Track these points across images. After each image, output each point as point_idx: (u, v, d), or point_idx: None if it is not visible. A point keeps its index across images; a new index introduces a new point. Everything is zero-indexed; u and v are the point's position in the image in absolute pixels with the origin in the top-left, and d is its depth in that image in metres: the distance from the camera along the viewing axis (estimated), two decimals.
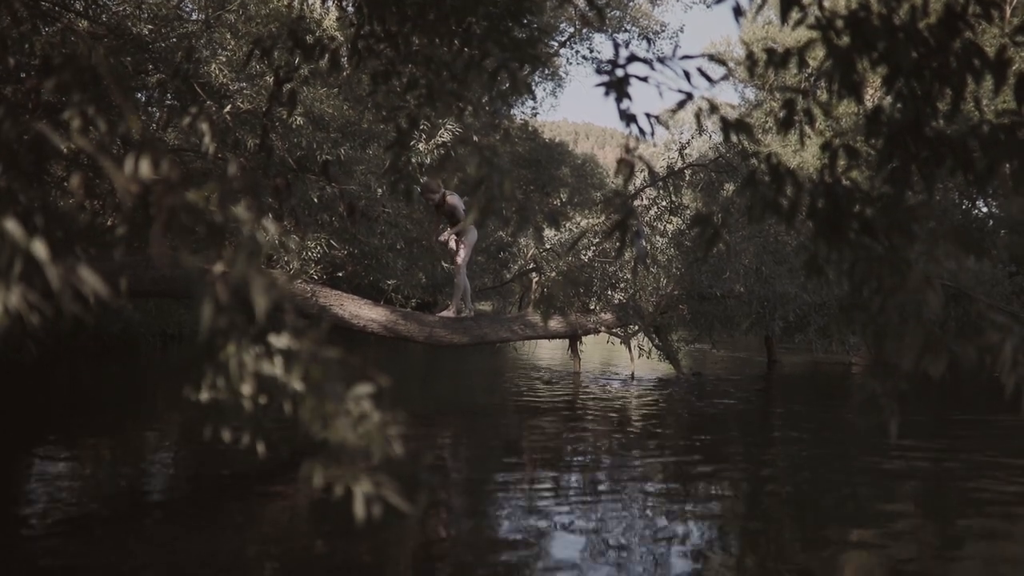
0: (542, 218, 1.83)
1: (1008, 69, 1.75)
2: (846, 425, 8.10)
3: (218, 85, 8.51)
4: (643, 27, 25.04)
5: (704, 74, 1.97)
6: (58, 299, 1.05)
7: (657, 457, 6.37)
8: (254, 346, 1.13)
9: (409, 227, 11.96)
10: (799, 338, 12.03)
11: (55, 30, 7.00)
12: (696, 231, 1.85)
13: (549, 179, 24.77)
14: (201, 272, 1.14)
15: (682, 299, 10.74)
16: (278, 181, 3.50)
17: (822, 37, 1.85)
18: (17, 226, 1.06)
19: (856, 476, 5.88)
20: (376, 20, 2.78)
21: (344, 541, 3.90)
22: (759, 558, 4.01)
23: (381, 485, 1.09)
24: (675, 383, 11.24)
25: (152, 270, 7.15)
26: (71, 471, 5.24)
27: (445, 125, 10.33)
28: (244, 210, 1.20)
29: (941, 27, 1.80)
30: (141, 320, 11.57)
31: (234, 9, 9.32)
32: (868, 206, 1.73)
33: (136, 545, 3.83)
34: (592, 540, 4.16)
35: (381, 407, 1.15)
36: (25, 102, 5.83)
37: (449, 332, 9.05)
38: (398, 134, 2.58)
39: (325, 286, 9.06)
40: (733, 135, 1.93)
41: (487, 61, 2.52)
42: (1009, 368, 1.45)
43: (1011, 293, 13.65)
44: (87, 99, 1.32)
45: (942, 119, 1.85)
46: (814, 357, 14.72)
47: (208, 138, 2.07)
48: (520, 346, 13.63)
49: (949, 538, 4.44)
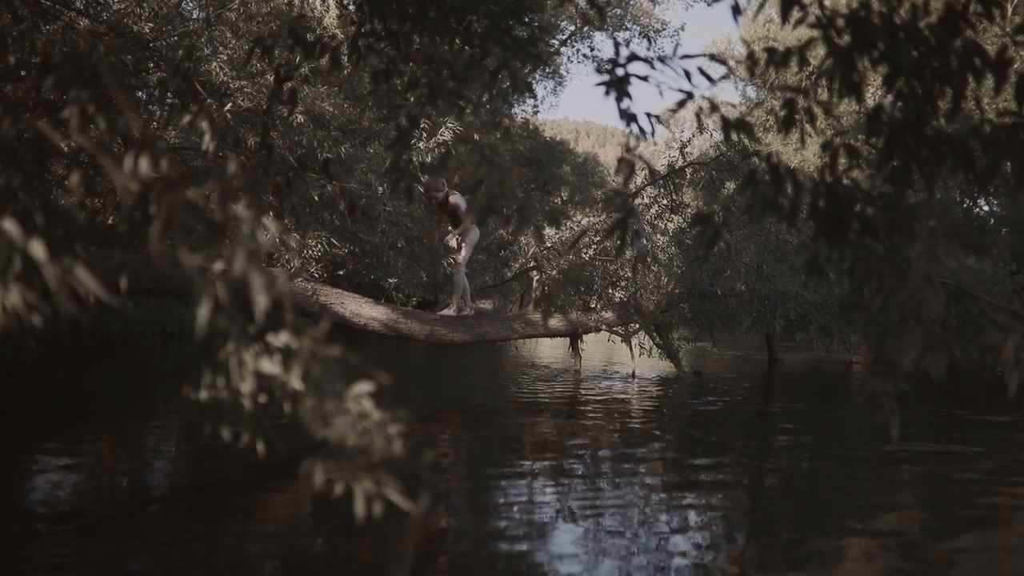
0: (542, 217, 1.83)
1: (1009, 68, 1.74)
2: (847, 423, 8.10)
3: (218, 83, 8.51)
4: (644, 25, 25.03)
5: (704, 73, 1.96)
6: (55, 299, 1.05)
7: (658, 454, 6.37)
8: (253, 344, 1.13)
9: (410, 225, 11.96)
10: (800, 336, 12.02)
11: (55, 28, 7.01)
12: (697, 230, 1.85)
13: (550, 177, 24.76)
14: (200, 270, 1.14)
15: (683, 297, 10.74)
16: (279, 179, 3.50)
17: (823, 36, 1.85)
18: (15, 225, 1.06)
19: (857, 473, 5.88)
20: (376, 18, 2.78)
21: (345, 539, 3.90)
22: (760, 553, 4.01)
23: (381, 483, 1.09)
24: (676, 381, 11.24)
25: (152, 268, 7.15)
26: (71, 470, 5.24)
27: (446, 124, 10.33)
28: (244, 208, 1.19)
29: (942, 26, 1.79)
30: (141, 319, 11.57)
31: (235, 7, 9.32)
32: (869, 205, 1.72)
33: (136, 544, 3.83)
34: (593, 536, 4.16)
35: (381, 405, 1.15)
36: (25, 100, 5.83)
37: (450, 330, 9.05)
38: (399, 133, 2.58)
39: (326, 284, 9.07)
40: (734, 134, 1.93)
41: (488, 60, 2.52)
42: (1012, 367, 1.45)
43: (1012, 292, 13.66)
44: (87, 96, 1.32)
45: (943, 118, 1.85)
46: (815, 355, 14.71)
47: (208, 136, 2.06)
48: (521, 345, 13.64)
49: (950, 534, 4.44)
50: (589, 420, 8.02)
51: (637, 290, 10.70)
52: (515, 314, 10.35)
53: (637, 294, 10.70)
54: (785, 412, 9.26)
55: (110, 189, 6.43)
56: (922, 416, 8.34)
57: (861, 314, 1.61)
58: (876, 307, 1.59)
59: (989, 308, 11.42)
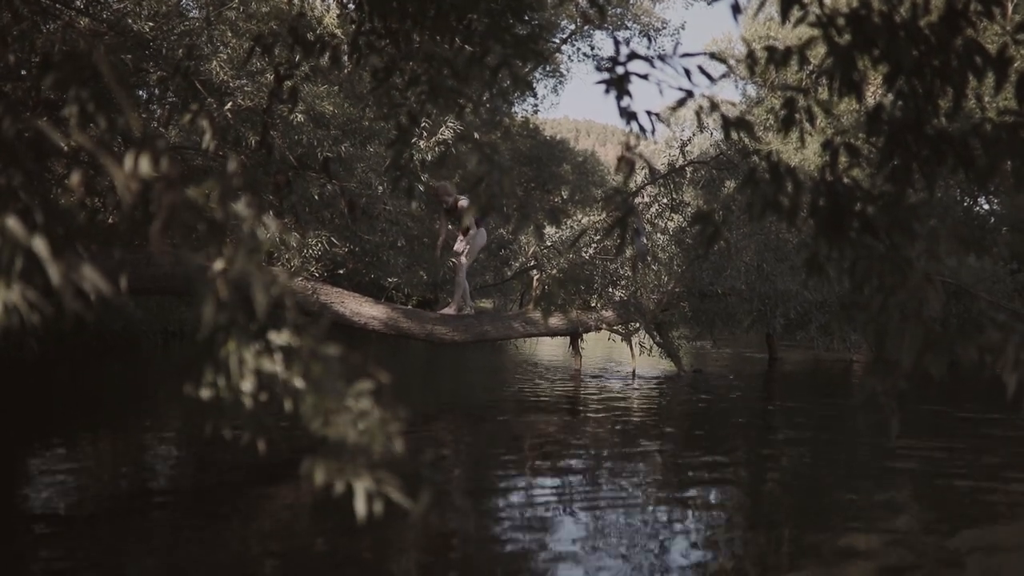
0: (543, 215, 1.83)
1: (1009, 67, 1.74)
2: (847, 422, 8.10)
3: (218, 82, 8.51)
4: (644, 24, 25.02)
5: (705, 72, 1.96)
6: (60, 297, 1.05)
7: (658, 453, 6.37)
8: (254, 343, 1.13)
9: (410, 224, 11.96)
10: (800, 335, 12.03)
11: (56, 27, 7.00)
12: (697, 228, 1.85)
13: (550, 176, 24.74)
14: (201, 269, 1.14)
15: (683, 296, 10.74)
16: (279, 178, 3.50)
17: (823, 35, 1.85)
18: (18, 223, 1.06)
19: (857, 472, 5.89)
20: (377, 17, 2.78)
21: (345, 538, 3.91)
22: (760, 551, 4.01)
23: (382, 482, 1.09)
24: (676, 380, 11.24)
25: (152, 267, 7.15)
26: (72, 469, 5.25)
27: (446, 122, 10.32)
28: (245, 207, 1.20)
29: (942, 25, 1.79)
30: (142, 318, 11.57)
31: (235, 6, 9.31)
32: (869, 204, 1.72)
33: (136, 543, 3.83)
34: (593, 535, 4.16)
35: (382, 404, 1.15)
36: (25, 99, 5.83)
37: (450, 329, 9.05)
38: (399, 131, 2.58)
39: (326, 283, 9.07)
40: (734, 133, 1.93)
41: (488, 58, 2.52)
42: (1011, 368, 1.45)
43: (1013, 291, 13.65)
44: (87, 95, 1.32)
45: (943, 117, 1.85)
46: (815, 354, 14.71)
47: (209, 135, 2.06)
48: (521, 344, 13.63)
49: (951, 532, 4.44)
50: (589, 419, 8.02)
51: (637, 289, 10.70)
52: (515, 313, 10.35)
53: (637, 293, 10.70)
54: (785, 411, 9.26)
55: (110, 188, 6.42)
56: (922, 414, 8.34)
57: (861, 313, 1.61)
58: (876, 306, 1.59)
59: (989, 307, 11.42)
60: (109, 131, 1.31)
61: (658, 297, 10.65)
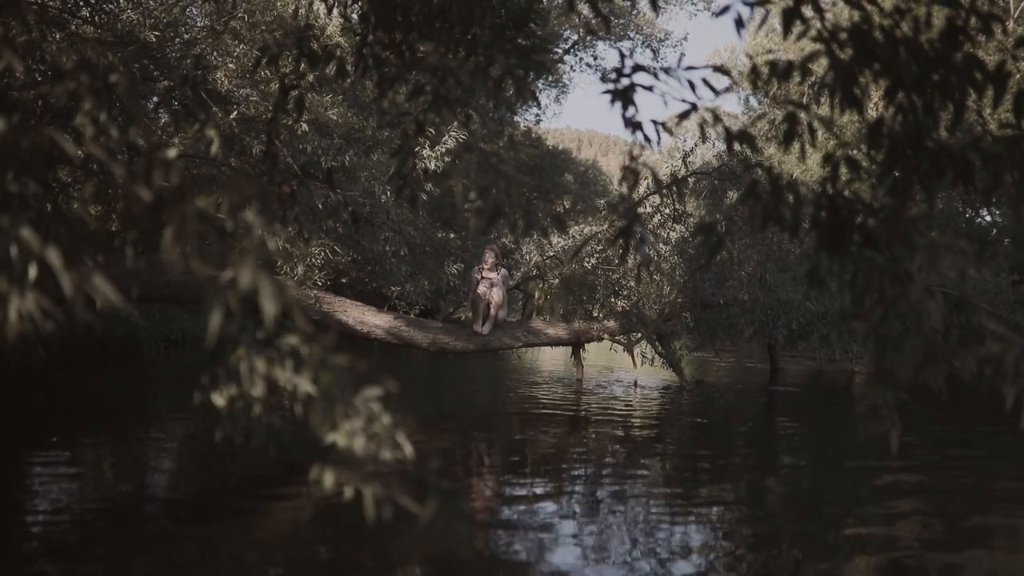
0: (547, 223, 1.85)
1: (1008, 82, 1.76)
2: (848, 433, 8.09)
3: (224, 92, 8.55)
4: (647, 35, 25.09)
5: (709, 84, 1.98)
6: (71, 306, 1.07)
7: (659, 463, 6.37)
8: (264, 350, 1.15)
9: (413, 233, 11.97)
10: (802, 346, 12.02)
11: (63, 36, 7.05)
12: (699, 239, 1.87)
13: (552, 186, 24.79)
14: (211, 279, 1.15)
15: (685, 307, 10.74)
16: (283, 188, 3.52)
17: (825, 50, 1.87)
18: (32, 233, 1.08)
19: (857, 483, 5.88)
20: (382, 29, 2.80)
21: (348, 547, 3.91)
22: (761, 563, 4.01)
23: (391, 487, 1.10)
24: (678, 391, 11.23)
25: (159, 276, 7.17)
26: (75, 475, 5.25)
27: (450, 132, 10.36)
28: (254, 216, 1.21)
29: (942, 40, 1.81)
30: (145, 325, 11.58)
31: (239, 16, 9.36)
32: (870, 217, 1.74)
33: (138, 550, 3.84)
34: (593, 549, 4.16)
35: (390, 411, 1.16)
36: (34, 108, 5.86)
37: (453, 339, 9.07)
38: (403, 140, 2.60)
39: (329, 292, 9.09)
40: (736, 145, 1.95)
41: (492, 68, 2.54)
42: (1010, 380, 1.46)
43: (1015, 302, 13.63)
44: (99, 105, 1.34)
45: (944, 131, 1.86)
46: (817, 365, 14.70)
47: (216, 145, 2.09)
48: (523, 353, 13.63)
49: (952, 546, 4.44)
50: (591, 429, 8.02)
51: (640, 299, 10.70)
52: (518, 322, 10.36)
53: (640, 303, 10.70)
54: (787, 422, 9.25)
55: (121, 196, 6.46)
56: (923, 426, 8.33)
57: (862, 325, 1.63)
58: (877, 318, 1.61)
59: (990, 319, 11.39)
60: (121, 142, 1.33)
61: (660, 307, 10.66)
